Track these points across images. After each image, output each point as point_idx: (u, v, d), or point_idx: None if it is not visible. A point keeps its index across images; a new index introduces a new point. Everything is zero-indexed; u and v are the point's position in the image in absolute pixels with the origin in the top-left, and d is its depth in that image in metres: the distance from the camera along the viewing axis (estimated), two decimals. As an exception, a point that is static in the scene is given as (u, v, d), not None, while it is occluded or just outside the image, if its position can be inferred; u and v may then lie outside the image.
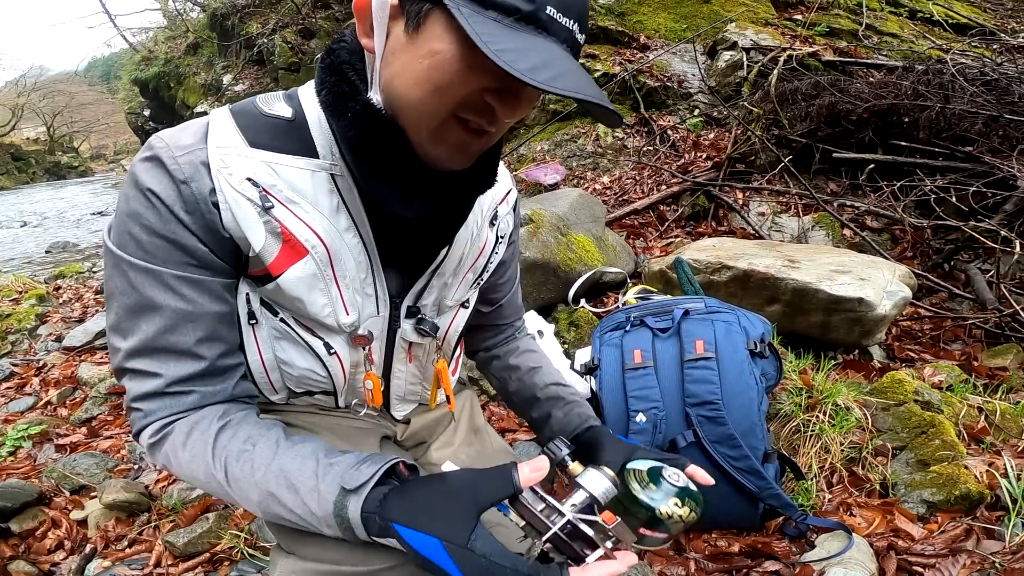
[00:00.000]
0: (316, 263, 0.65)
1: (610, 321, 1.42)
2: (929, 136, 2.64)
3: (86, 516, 1.63)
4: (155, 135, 0.61)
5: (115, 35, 21.63)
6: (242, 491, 0.62)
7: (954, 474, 1.28)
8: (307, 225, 0.63)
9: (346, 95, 0.59)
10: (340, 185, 0.65)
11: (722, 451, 1.21)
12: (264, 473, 0.61)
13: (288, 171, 0.62)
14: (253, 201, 0.60)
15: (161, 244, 0.60)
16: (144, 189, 0.59)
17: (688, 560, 1.27)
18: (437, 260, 0.73)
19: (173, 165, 0.59)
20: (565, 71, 0.50)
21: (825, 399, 1.48)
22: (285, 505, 0.60)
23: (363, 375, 0.77)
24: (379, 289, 0.71)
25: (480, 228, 0.78)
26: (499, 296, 0.94)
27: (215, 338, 0.64)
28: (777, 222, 2.81)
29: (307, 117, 0.64)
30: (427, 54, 0.53)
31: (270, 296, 0.67)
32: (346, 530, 0.58)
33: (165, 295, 0.61)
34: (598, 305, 2.15)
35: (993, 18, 4.70)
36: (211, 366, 0.64)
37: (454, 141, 0.59)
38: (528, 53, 0.49)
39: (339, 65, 0.60)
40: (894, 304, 1.76)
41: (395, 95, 0.57)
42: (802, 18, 4.34)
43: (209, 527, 1.47)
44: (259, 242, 0.62)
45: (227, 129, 0.62)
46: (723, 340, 1.25)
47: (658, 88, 3.90)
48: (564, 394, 0.91)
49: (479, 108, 0.56)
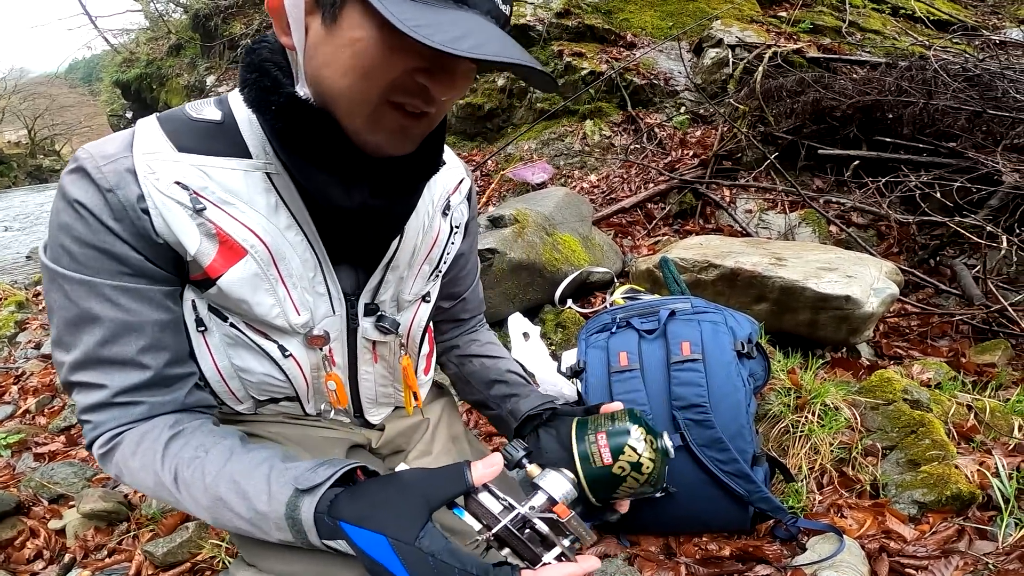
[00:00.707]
0: (257, 263, 0.63)
1: (596, 323, 1.39)
2: (913, 132, 2.65)
3: (64, 526, 1.62)
4: (81, 147, 0.60)
5: (96, 37, 21.37)
6: (192, 497, 0.61)
7: (945, 474, 1.27)
8: (244, 225, 0.62)
9: (268, 90, 0.58)
10: (277, 183, 0.63)
11: (710, 455, 1.18)
12: (215, 478, 0.60)
13: (220, 172, 0.61)
14: (183, 204, 0.59)
15: (93, 255, 0.59)
16: (71, 201, 0.58)
17: (678, 565, 1.24)
18: (389, 253, 0.71)
19: (98, 174, 0.58)
20: (488, 39, 0.49)
21: (814, 399, 1.46)
22: (234, 510, 0.59)
23: (324, 377, 0.74)
24: (331, 287, 0.69)
25: (432, 218, 0.76)
26: (461, 290, 0.92)
27: (159, 347, 0.63)
28: (764, 219, 2.80)
29: (237, 118, 0.63)
30: (348, 43, 0.52)
31: (216, 301, 0.65)
32: (298, 533, 0.56)
33: (103, 306, 0.60)
34: (585, 305, 2.12)
35: (974, 15, 4.74)
36: (157, 375, 0.63)
37: (392, 126, 0.58)
38: (446, 26, 0.48)
39: (260, 63, 0.60)
40: (881, 301, 1.75)
41: (324, 87, 0.56)
42: (786, 15, 4.35)
43: (189, 537, 1.45)
44: (194, 245, 0.60)
45: (154, 136, 0.61)
46: (710, 341, 1.23)
47: (645, 86, 3.89)
48: (525, 381, 0.90)
49: (412, 90, 0.55)
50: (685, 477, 1.20)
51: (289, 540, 0.57)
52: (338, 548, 0.55)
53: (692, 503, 1.23)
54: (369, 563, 0.53)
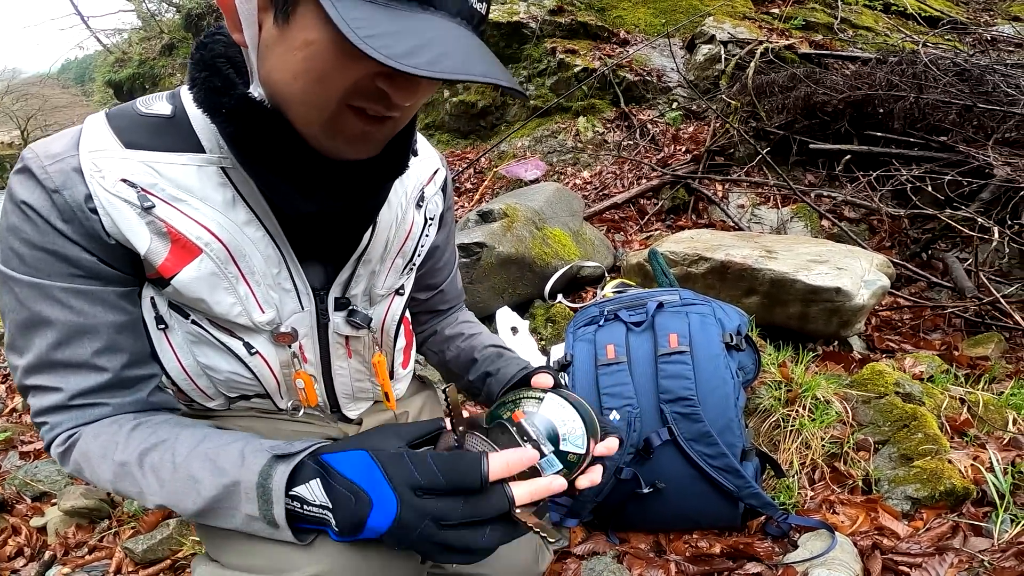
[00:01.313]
0: (214, 261, 0.60)
1: (584, 315, 1.37)
2: (904, 126, 2.64)
3: (46, 523, 1.62)
4: (28, 146, 0.58)
5: (88, 37, 21.22)
6: (158, 480, 0.58)
7: (938, 469, 1.24)
8: (197, 222, 0.59)
9: (219, 91, 0.55)
10: (233, 177, 0.60)
11: (698, 449, 1.16)
12: (186, 457, 0.57)
13: (170, 168, 0.58)
14: (131, 202, 0.56)
15: (43, 257, 0.57)
16: (19, 202, 0.56)
17: (668, 562, 1.22)
18: (361, 246, 0.68)
19: (43, 175, 0.55)
20: (450, 50, 0.45)
21: (805, 392, 1.43)
22: (203, 489, 0.56)
23: (294, 375, 0.71)
24: (298, 283, 0.67)
25: (405, 211, 0.73)
26: (438, 281, 0.90)
27: (116, 349, 0.61)
28: (756, 214, 2.79)
29: (188, 113, 0.60)
30: (301, 45, 0.49)
31: (175, 298, 0.63)
32: (265, 503, 0.54)
33: (54, 309, 0.58)
34: (576, 300, 2.10)
35: (966, 11, 4.75)
36: (115, 378, 0.62)
37: (352, 132, 0.54)
38: (404, 35, 0.44)
39: (212, 59, 0.56)
40: (872, 293, 1.73)
41: (276, 90, 0.54)
42: (778, 12, 4.34)
43: (170, 534, 1.44)
44: (143, 244, 0.58)
45: (100, 132, 0.58)
46: (698, 333, 1.20)
47: (638, 82, 3.88)
48: (503, 352, 0.89)
49: (372, 95, 0.51)
50: (674, 473, 1.18)
51: (254, 516, 0.55)
52: (304, 513, 0.54)
53: (681, 499, 1.20)
54: (345, 491, 0.53)
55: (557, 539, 0.60)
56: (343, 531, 0.53)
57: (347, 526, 0.53)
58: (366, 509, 0.52)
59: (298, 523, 0.56)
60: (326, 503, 0.53)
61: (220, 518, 0.57)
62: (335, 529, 0.54)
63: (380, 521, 0.52)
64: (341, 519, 0.53)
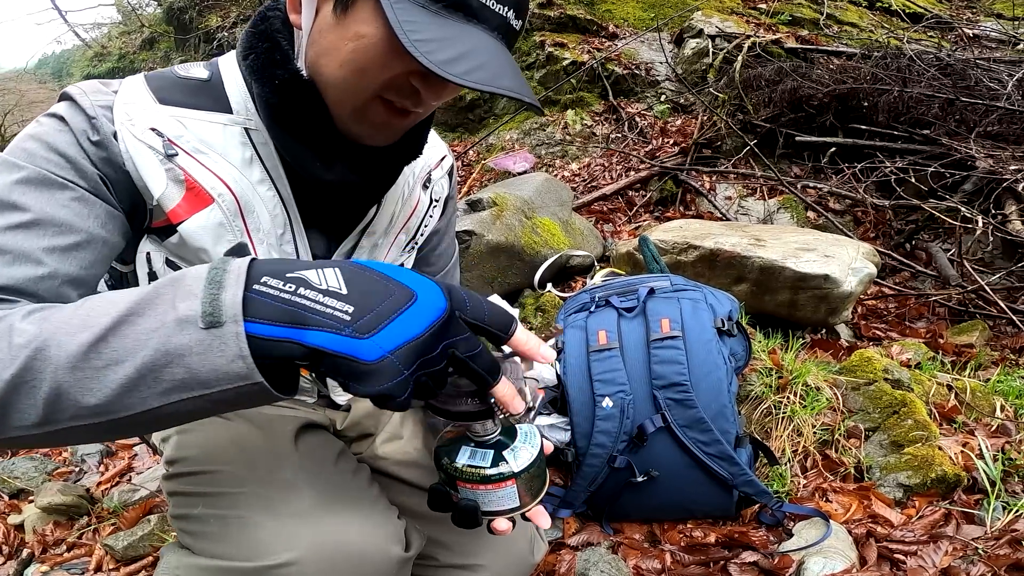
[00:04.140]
0: (223, 212, 0.62)
1: (575, 302, 1.35)
2: (888, 119, 2.67)
3: (23, 521, 1.58)
4: (71, 85, 0.60)
5: (66, 31, 20.72)
6: (52, 327, 0.42)
7: (929, 456, 1.25)
8: (213, 173, 0.61)
9: (276, 63, 0.59)
10: (255, 139, 0.63)
11: (692, 436, 1.14)
12: (98, 303, 0.43)
13: (197, 124, 0.61)
14: (155, 149, 0.59)
15: (58, 160, 0.55)
16: (56, 115, 0.57)
17: (663, 553, 1.21)
18: (366, 219, 0.71)
19: (85, 103, 0.58)
20: (485, 62, 0.51)
21: (795, 379, 1.43)
22: (114, 304, 0.41)
23: None
24: (300, 247, 0.67)
25: (412, 188, 0.76)
26: (433, 271, 0.90)
27: (72, 254, 0.53)
28: (743, 205, 2.80)
29: (224, 78, 0.64)
30: (353, 36, 0.54)
31: (175, 251, 0.63)
32: (211, 288, 0.40)
33: (37, 198, 0.53)
34: (565, 290, 2.08)
35: (949, 8, 4.82)
36: (49, 278, 0.51)
37: (377, 120, 0.59)
38: (449, 43, 0.50)
39: (272, 33, 0.61)
40: (859, 281, 1.73)
41: (320, 74, 0.58)
42: (766, 7, 4.37)
43: (151, 530, 1.41)
44: (159, 188, 0.59)
45: (137, 88, 0.61)
46: (689, 318, 1.19)
47: (626, 76, 3.87)
48: None
49: (404, 90, 0.57)
50: (668, 460, 1.17)
51: (186, 317, 0.39)
52: (285, 303, 0.40)
53: (675, 488, 1.19)
54: (375, 278, 0.43)
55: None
56: (357, 320, 0.40)
57: (367, 315, 0.40)
58: (403, 300, 0.42)
59: (258, 329, 0.40)
60: (337, 287, 0.41)
61: (127, 349, 0.40)
62: (342, 319, 0.40)
63: (420, 317, 0.42)
64: (361, 304, 0.41)
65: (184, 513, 0.70)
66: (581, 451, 1.20)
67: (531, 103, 0.53)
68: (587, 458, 1.19)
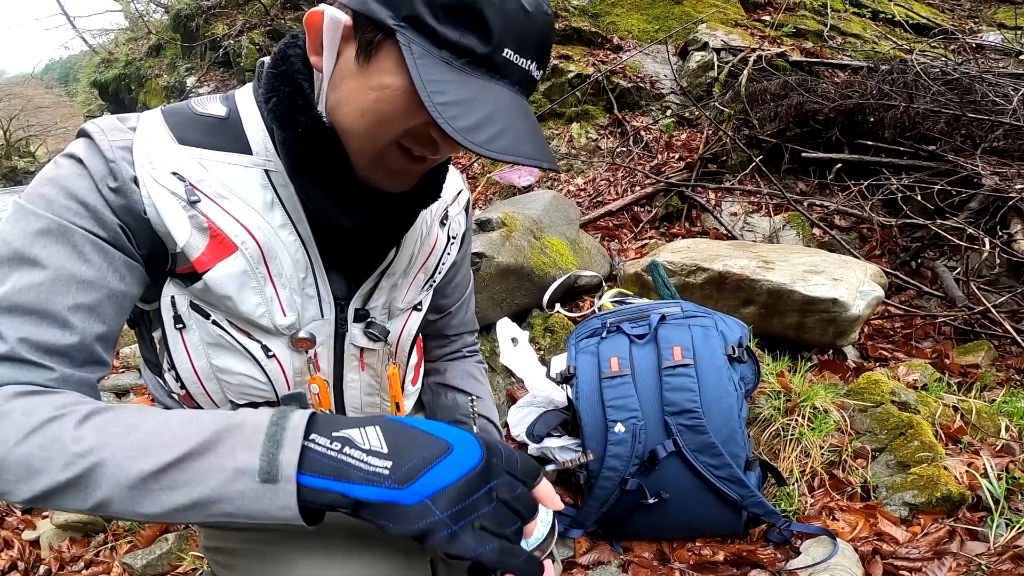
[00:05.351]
0: (246, 260, 0.62)
1: (586, 327, 1.38)
2: (894, 135, 2.68)
3: (39, 536, 1.59)
4: (88, 122, 0.60)
5: (74, 37, 20.89)
6: (104, 433, 0.47)
7: (934, 475, 1.27)
8: (237, 220, 0.61)
9: (299, 108, 0.58)
10: (275, 180, 0.63)
11: (703, 460, 1.17)
12: (152, 414, 0.49)
13: (218, 167, 0.61)
14: (178, 195, 0.58)
15: (77, 207, 0.55)
16: (75, 157, 0.57)
17: (673, 571, 1.23)
18: (386, 261, 0.71)
19: (105, 144, 0.57)
20: (507, 127, 0.51)
21: (803, 402, 1.46)
22: (175, 437, 0.47)
23: (308, 380, 0.72)
24: (322, 290, 0.68)
25: (430, 227, 0.76)
26: (448, 302, 0.90)
27: (98, 313, 0.55)
28: (749, 222, 2.82)
29: (241, 115, 0.63)
30: (376, 87, 0.54)
31: (200, 296, 0.63)
32: (270, 445, 0.46)
33: (57, 252, 0.53)
34: (573, 309, 2.11)
35: (951, 18, 4.84)
36: (80, 343, 0.54)
37: (394, 167, 0.60)
38: (472, 106, 0.50)
39: (293, 75, 0.59)
40: (867, 304, 1.76)
41: (339, 119, 0.58)
42: (770, 19, 4.39)
43: (169, 548, 1.42)
44: (183, 237, 0.59)
45: (156, 126, 0.60)
46: (701, 346, 1.22)
47: (631, 89, 3.89)
48: (494, 428, 0.88)
49: (423, 140, 0.57)
50: (678, 483, 1.19)
51: (244, 469, 0.45)
52: (331, 462, 0.46)
53: (685, 509, 1.22)
54: (414, 435, 0.48)
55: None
56: (395, 475, 0.45)
57: (402, 467, 0.46)
58: (438, 452, 0.47)
59: (309, 481, 0.46)
60: (380, 447, 0.47)
61: (184, 482, 0.46)
62: (382, 473, 0.46)
63: (455, 466, 0.47)
64: (399, 460, 0.46)
65: (218, 546, 0.72)
66: (593, 474, 1.22)
67: (550, 167, 0.54)
68: (599, 480, 1.21)
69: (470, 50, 0.51)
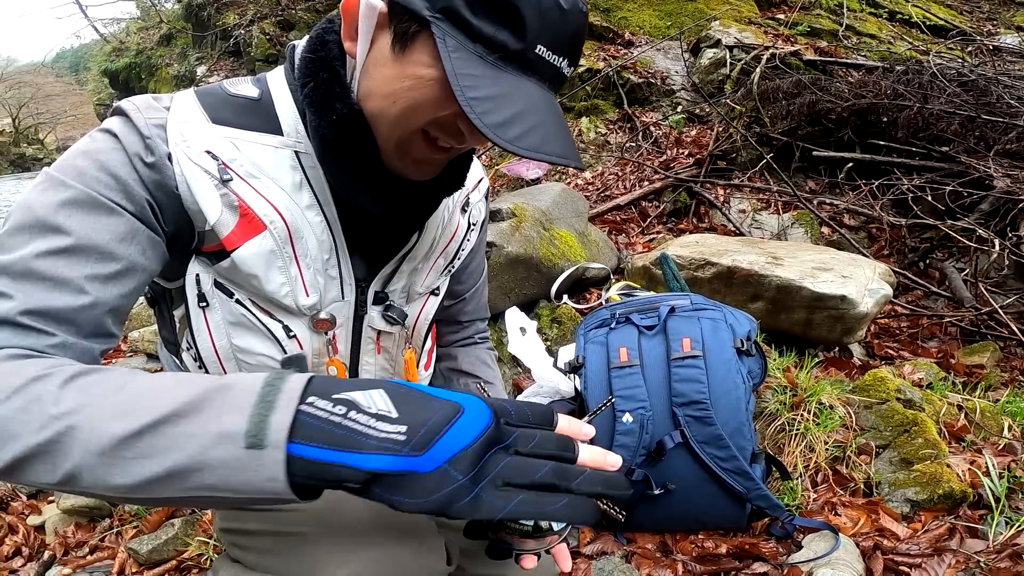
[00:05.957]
0: (274, 239, 0.63)
1: (595, 318, 1.39)
2: (907, 136, 2.67)
3: (44, 522, 1.58)
4: (125, 100, 0.60)
5: (85, 26, 20.91)
6: (87, 399, 0.43)
7: (937, 473, 1.28)
8: (267, 200, 0.62)
9: (336, 95, 0.59)
10: (304, 162, 0.64)
11: (710, 452, 1.18)
12: (144, 390, 0.43)
13: (250, 147, 0.61)
14: (211, 173, 0.59)
15: (109, 180, 0.55)
16: (111, 132, 0.57)
17: (676, 562, 1.25)
18: (408, 245, 0.72)
19: (141, 122, 0.58)
20: (536, 124, 0.51)
21: (809, 397, 1.47)
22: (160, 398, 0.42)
23: (326, 362, 0.73)
24: (344, 271, 0.69)
25: (452, 213, 0.77)
26: (462, 289, 0.91)
27: (114, 282, 0.53)
28: (757, 219, 2.82)
29: (273, 97, 0.64)
30: (410, 75, 0.54)
31: (225, 274, 0.64)
32: (261, 406, 0.40)
33: (83, 221, 0.52)
34: (580, 301, 2.12)
35: (970, 20, 4.80)
36: (90, 309, 0.51)
37: (420, 155, 0.60)
38: (503, 102, 0.50)
39: (331, 61, 0.60)
40: (875, 302, 1.76)
41: (371, 106, 0.58)
42: (784, 17, 4.37)
43: (175, 534, 1.42)
44: (214, 215, 0.60)
45: (190, 106, 0.61)
46: (710, 338, 1.23)
47: (642, 84, 3.89)
48: None
49: (451, 130, 0.57)
50: (684, 474, 1.20)
51: (229, 433, 0.40)
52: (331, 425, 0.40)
53: (690, 500, 1.23)
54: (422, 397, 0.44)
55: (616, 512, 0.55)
56: (411, 440, 0.40)
57: (419, 431, 0.40)
58: (452, 413, 0.42)
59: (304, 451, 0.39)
60: (387, 411, 0.41)
61: (160, 448, 0.40)
62: (397, 439, 0.40)
63: (471, 426, 0.42)
64: (414, 424, 0.41)
65: (235, 527, 0.71)
66: (600, 463, 1.24)
67: (577, 167, 0.55)
68: (605, 470, 1.22)
69: (504, 45, 0.51)
